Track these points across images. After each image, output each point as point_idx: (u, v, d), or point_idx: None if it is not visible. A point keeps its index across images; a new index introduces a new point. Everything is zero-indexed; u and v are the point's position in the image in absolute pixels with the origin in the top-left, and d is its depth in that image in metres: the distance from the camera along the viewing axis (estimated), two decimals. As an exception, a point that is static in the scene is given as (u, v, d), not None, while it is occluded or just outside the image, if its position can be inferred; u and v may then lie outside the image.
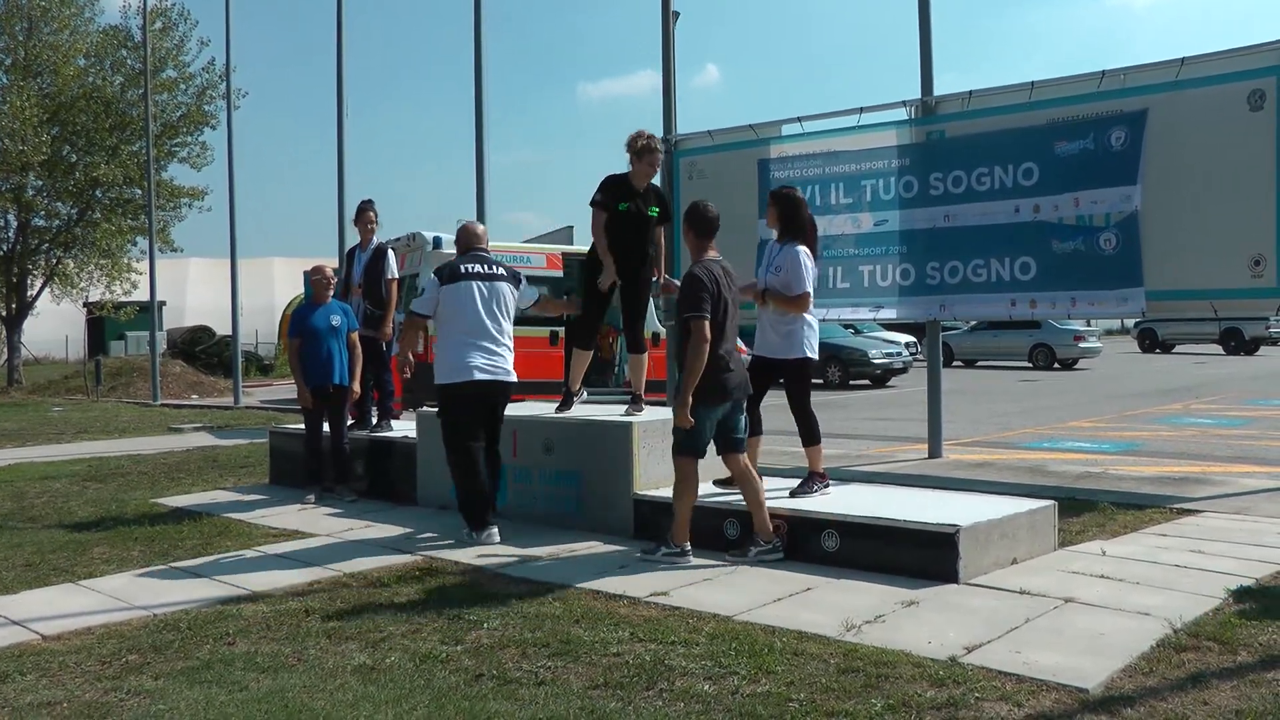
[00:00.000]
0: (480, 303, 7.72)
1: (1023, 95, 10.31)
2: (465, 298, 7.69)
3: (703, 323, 6.42)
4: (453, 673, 4.72)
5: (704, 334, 6.41)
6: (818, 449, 7.42)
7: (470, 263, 7.86)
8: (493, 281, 7.83)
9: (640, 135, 7.84)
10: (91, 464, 12.44)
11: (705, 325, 6.42)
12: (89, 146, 29.37)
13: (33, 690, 4.63)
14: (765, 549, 6.70)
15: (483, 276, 7.80)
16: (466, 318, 7.67)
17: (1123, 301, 9.72)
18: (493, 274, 7.86)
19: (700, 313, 6.42)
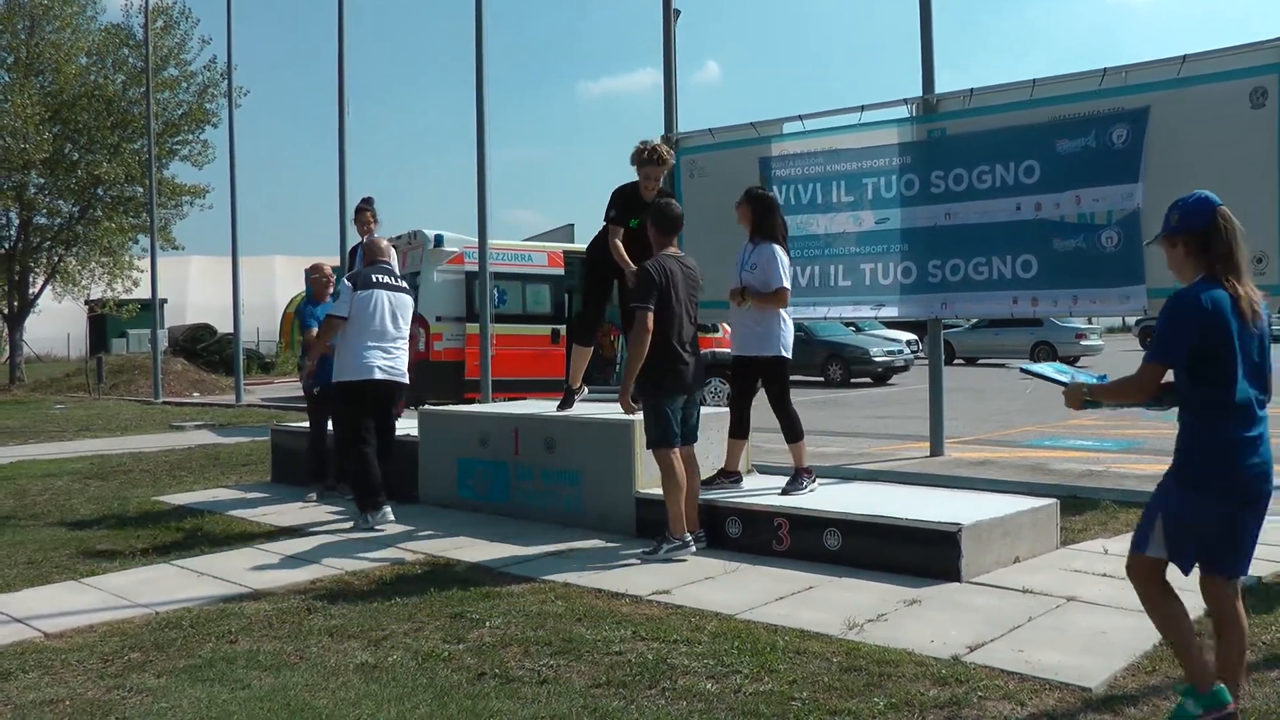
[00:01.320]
0: (386, 310, 8.45)
1: (1024, 93, 10.29)
2: (374, 304, 8.42)
3: (645, 314, 6.71)
4: (455, 671, 4.72)
5: (645, 324, 6.69)
6: (801, 445, 7.48)
7: (379, 274, 8.60)
8: (398, 292, 8.61)
9: (643, 147, 7.89)
10: (93, 462, 12.45)
11: (648, 316, 6.70)
12: (91, 145, 29.39)
13: (35, 688, 4.64)
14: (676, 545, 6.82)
15: (389, 287, 8.58)
16: (373, 322, 8.38)
17: (1124, 299, 9.71)
18: (398, 285, 8.67)
19: (644, 304, 6.71)
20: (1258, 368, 3.87)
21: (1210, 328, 3.79)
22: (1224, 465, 3.83)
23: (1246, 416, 3.82)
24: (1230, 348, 3.79)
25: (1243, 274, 3.91)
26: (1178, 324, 3.84)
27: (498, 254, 15.74)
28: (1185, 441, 3.93)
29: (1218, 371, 3.81)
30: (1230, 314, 3.80)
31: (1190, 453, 3.90)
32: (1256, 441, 3.82)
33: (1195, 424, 3.90)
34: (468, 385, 15.43)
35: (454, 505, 8.84)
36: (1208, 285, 3.87)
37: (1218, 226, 3.96)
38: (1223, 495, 3.84)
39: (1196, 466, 3.88)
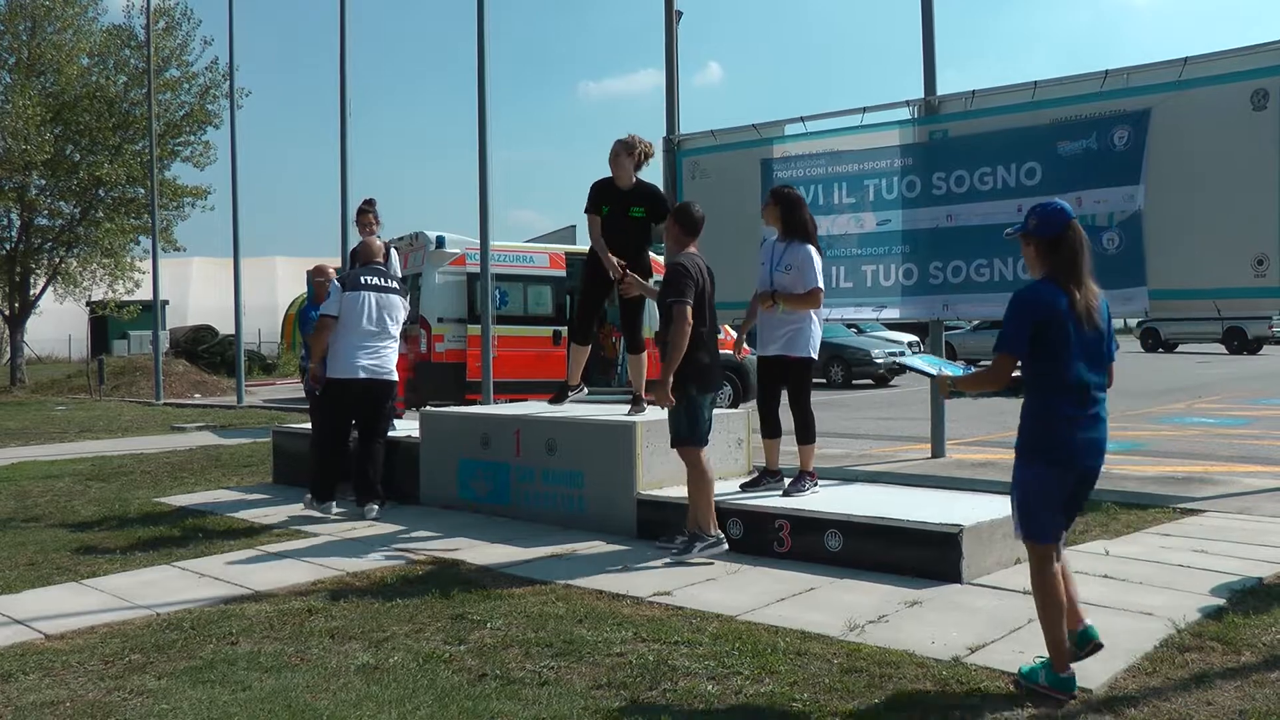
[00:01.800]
0: (374, 310, 8.76)
1: (1026, 95, 10.30)
2: (361, 305, 8.74)
3: (685, 307, 6.63)
4: (456, 672, 4.72)
5: (686, 317, 6.62)
6: (811, 448, 7.48)
7: (368, 275, 8.90)
8: (386, 293, 8.89)
9: (615, 142, 8.15)
10: (94, 463, 12.46)
11: (687, 309, 6.63)
12: (92, 146, 29.38)
13: (36, 689, 4.64)
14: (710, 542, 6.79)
15: (378, 288, 8.87)
16: (360, 323, 8.72)
17: (1126, 301, 9.71)
18: (387, 286, 8.95)
19: (683, 298, 6.63)
20: (1095, 357, 4.39)
21: (1046, 319, 4.31)
22: (1059, 438, 4.38)
23: (1081, 397, 4.36)
24: (1064, 335, 4.31)
25: (1083, 280, 4.39)
26: (1019, 317, 4.38)
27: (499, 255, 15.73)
28: (1027, 419, 4.48)
29: (1053, 356, 4.33)
30: (1063, 308, 4.31)
31: (1031, 429, 4.46)
32: (1090, 420, 4.38)
33: (1035, 403, 4.45)
34: (469, 386, 15.43)
35: (455, 506, 8.84)
36: (1046, 284, 4.40)
37: (1067, 236, 4.42)
38: (1060, 465, 4.39)
39: (1036, 440, 4.44)
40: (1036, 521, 4.46)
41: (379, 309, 8.78)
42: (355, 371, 8.66)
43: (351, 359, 8.67)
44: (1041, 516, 4.45)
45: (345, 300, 8.73)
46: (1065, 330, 4.32)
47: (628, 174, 8.18)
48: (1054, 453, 4.40)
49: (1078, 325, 4.34)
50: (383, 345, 8.80)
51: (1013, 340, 4.38)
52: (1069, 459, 4.39)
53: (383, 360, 8.78)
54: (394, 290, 8.98)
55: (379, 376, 8.76)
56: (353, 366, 8.66)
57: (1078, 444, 4.38)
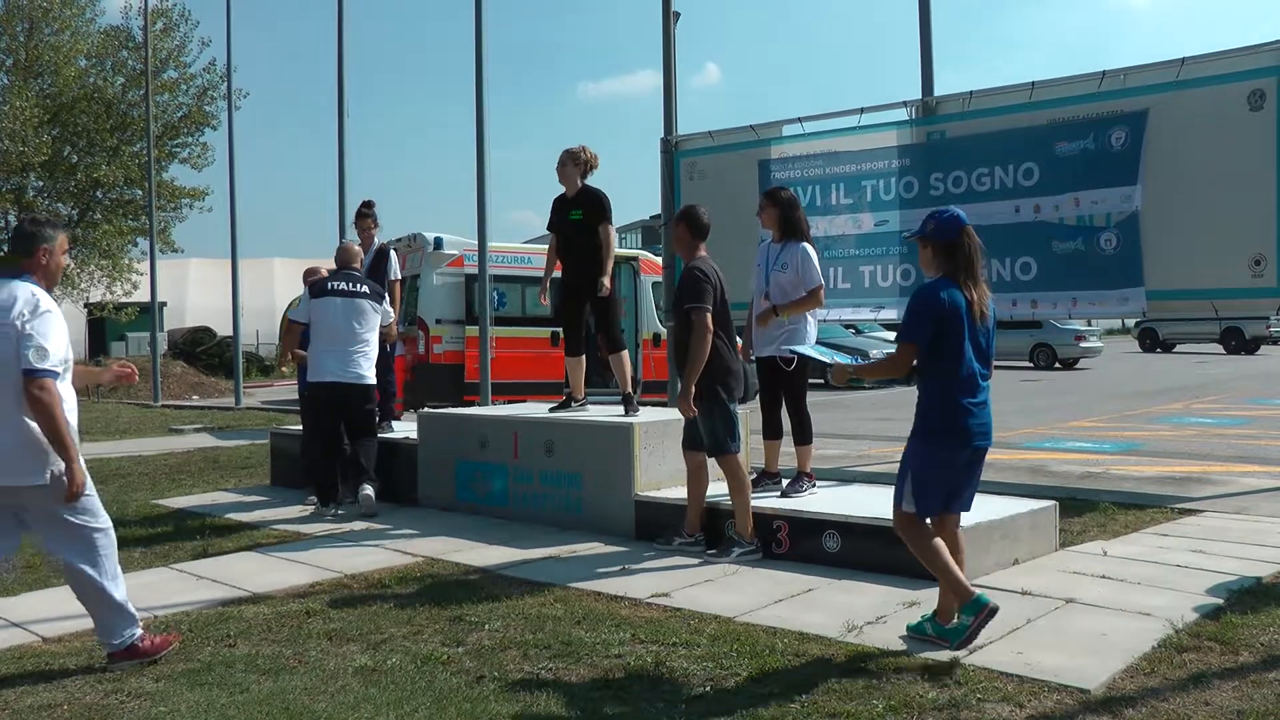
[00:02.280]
0: (340, 316, 8.90)
1: (1023, 95, 10.30)
2: (328, 310, 8.93)
3: (705, 314, 6.61)
4: (454, 674, 4.72)
5: (707, 324, 6.61)
6: (808, 449, 7.49)
7: (338, 280, 9.04)
8: (353, 298, 8.97)
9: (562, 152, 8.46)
10: (92, 465, 12.28)
11: (708, 317, 6.62)
12: (90, 147, 29.38)
13: (33, 693, 4.63)
14: (749, 549, 6.80)
15: (345, 293, 8.98)
16: (328, 327, 8.91)
17: (1123, 301, 9.72)
18: (354, 291, 9.02)
19: (702, 304, 6.62)
20: (983, 351, 4.95)
21: (945, 315, 4.81)
22: (952, 421, 4.88)
23: (971, 385, 4.90)
24: (960, 331, 4.83)
25: (978, 280, 4.93)
26: (923, 312, 4.87)
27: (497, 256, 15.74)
28: (923, 404, 4.96)
29: (950, 349, 4.84)
30: (961, 305, 4.83)
31: (928, 413, 4.94)
32: (978, 405, 4.93)
33: (931, 390, 4.94)
34: (467, 388, 15.44)
35: (453, 508, 8.84)
36: (946, 283, 4.89)
37: (962, 241, 4.93)
38: (953, 445, 4.90)
39: (932, 423, 4.92)
40: (926, 498, 4.95)
41: (345, 315, 8.89)
42: (323, 375, 8.83)
43: (320, 364, 8.87)
44: (932, 493, 4.95)
45: (313, 307, 8.96)
46: (962, 325, 4.84)
47: (572, 181, 8.44)
48: (951, 435, 4.90)
49: (972, 321, 4.87)
50: (351, 350, 8.87)
51: (916, 332, 4.87)
52: (964, 440, 4.91)
53: (350, 364, 8.86)
54: (362, 295, 9.04)
55: (345, 380, 8.84)
56: (320, 370, 8.86)
57: (971, 427, 4.91)
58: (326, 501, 8.90)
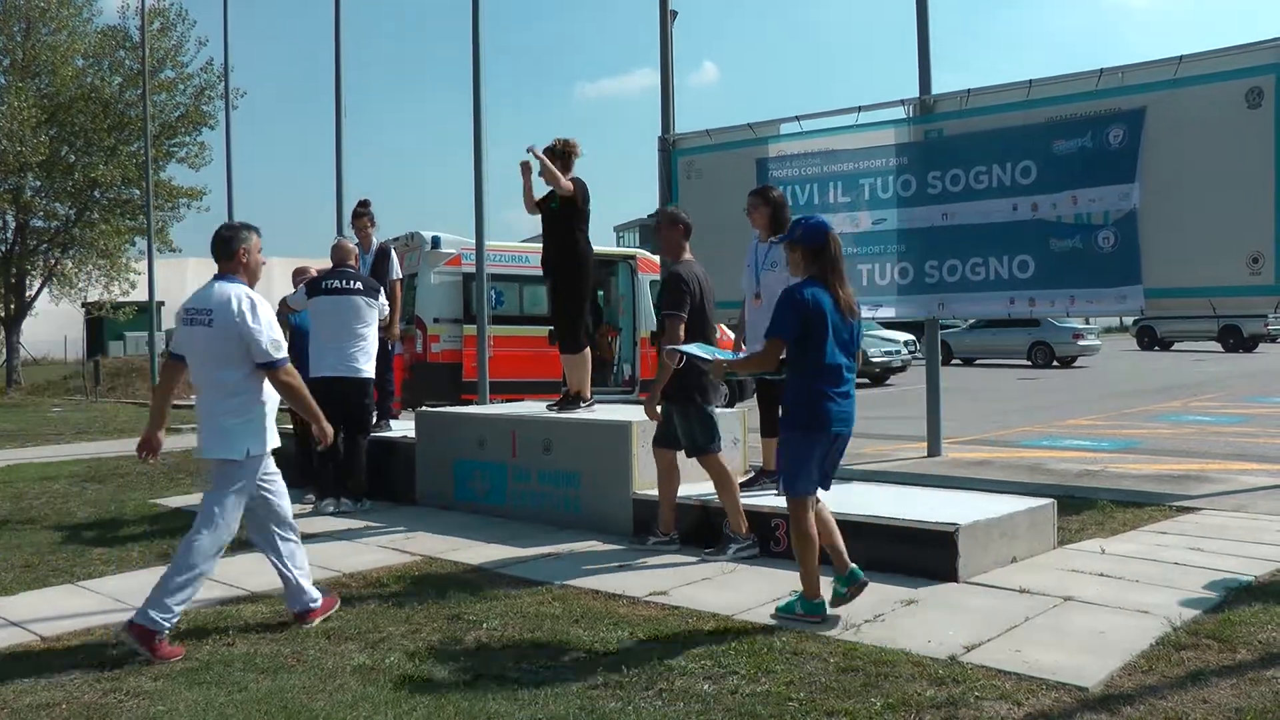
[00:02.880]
0: (337, 313, 9.03)
1: (1021, 94, 10.31)
2: (324, 308, 9.07)
3: (678, 322, 6.74)
4: (452, 673, 4.72)
5: (678, 333, 6.71)
6: None
7: (333, 278, 9.18)
8: (348, 295, 9.11)
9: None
10: (90, 465, 12.44)
11: (680, 326, 6.74)
12: (87, 147, 29.35)
13: (32, 691, 4.63)
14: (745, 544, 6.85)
15: (340, 291, 9.14)
16: (325, 325, 9.05)
17: (1121, 299, 9.73)
18: (348, 289, 9.16)
19: (677, 311, 6.74)
20: (847, 346, 5.37)
21: (811, 313, 5.23)
22: (818, 410, 5.29)
23: (836, 377, 5.32)
24: (825, 328, 5.25)
25: (843, 280, 5.40)
26: (793, 310, 5.27)
27: (495, 255, 15.71)
28: (791, 396, 5.39)
29: (818, 344, 5.26)
30: (826, 305, 5.26)
31: (797, 403, 5.35)
32: (842, 396, 5.35)
33: (799, 381, 5.35)
34: (465, 387, 15.41)
35: (451, 507, 8.84)
36: (813, 284, 5.33)
37: (828, 245, 5.37)
38: (818, 431, 5.30)
39: (800, 412, 5.32)
40: (800, 479, 5.33)
41: (341, 312, 9.04)
42: (321, 370, 8.88)
43: (319, 359, 8.98)
44: (804, 475, 5.33)
45: (311, 305, 9.15)
46: (826, 323, 5.26)
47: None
48: (817, 423, 5.30)
49: (839, 319, 5.31)
50: (347, 345, 9.00)
51: (785, 328, 5.29)
52: (828, 427, 5.31)
53: (347, 359, 9.00)
54: (354, 291, 9.16)
55: (343, 375, 8.97)
56: (319, 365, 8.93)
57: (835, 415, 5.32)
58: (324, 496, 8.97)
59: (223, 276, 5.53)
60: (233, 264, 5.56)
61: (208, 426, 5.45)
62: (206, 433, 5.46)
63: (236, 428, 5.40)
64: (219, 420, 5.41)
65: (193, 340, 5.44)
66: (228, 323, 5.33)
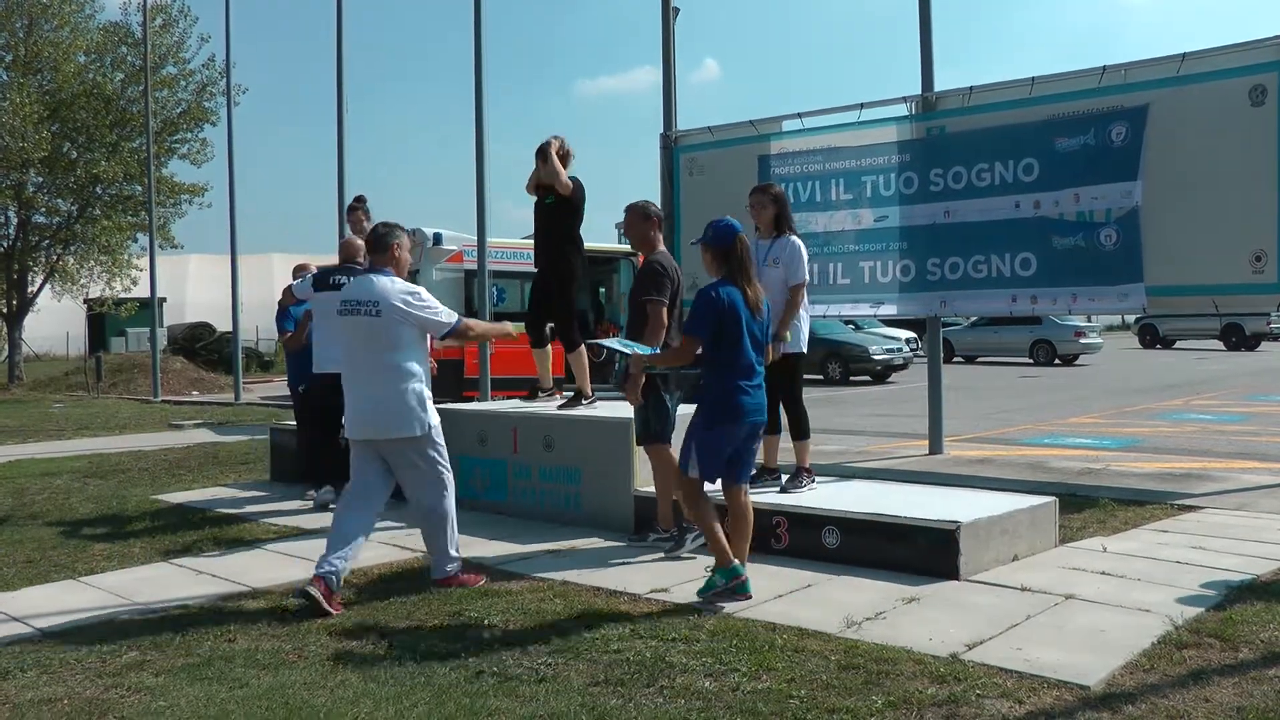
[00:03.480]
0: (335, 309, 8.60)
1: (1023, 91, 10.30)
2: (330, 304, 8.61)
3: (660, 307, 6.74)
4: (453, 669, 4.72)
5: (661, 317, 6.72)
6: (806, 444, 7.51)
7: (340, 274, 8.99)
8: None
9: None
10: (92, 460, 12.45)
11: (663, 310, 6.74)
12: (89, 143, 29.36)
13: (33, 686, 4.63)
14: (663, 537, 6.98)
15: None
16: (330, 320, 8.54)
17: (1123, 298, 9.72)
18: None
19: (659, 297, 6.76)
20: (758, 341, 5.74)
21: (724, 312, 5.58)
22: (731, 403, 5.63)
23: (748, 371, 5.67)
24: (738, 326, 5.60)
25: (751, 279, 5.73)
26: (707, 309, 5.61)
27: (496, 252, 15.72)
28: (706, 390, 5.73)
29: (731, 341, 5.61)
30: (739, 304, 5.61)
31: (711, 397, 5.69)
32: (754, 388, 5.69)
33: (714, 376, 5.68)
34: (466, 384, 15.42)
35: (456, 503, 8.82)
36: (725, 283, 5.68)
37: (736, 247, 5.71)
38: (731, 424, 5.65)
39: (714, 406, 5.66)
40: (709, 466, 5.68)
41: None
42: (324, 365, 8.80)
43: (323, 355, 8.93)
44: (713, 462, 5.68)
45: (315, 300, 9.13)
46: (739, 320, 5.60)
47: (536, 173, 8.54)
48: (730, 414, 5.64)
49: (750, 316, 5.65)
50: None
51: (700, 326, 5.62)
52: (741, 419, 5.65)
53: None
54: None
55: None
56: (323, 361, 8.86)
57: (747, 406, 5.66)
58: (322, 485, 9.13)
59: (376, 270, 6.20)
60: (386, 258, 6.20)
61: (383, 409, 6.04)
62: (382, 415, 6.04)
63: (415, 407, 6.06)
64: (396, 402, 6.02)
65: (357, 329, 6.09)
66: (394, 312, 6.00)
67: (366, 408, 6.08)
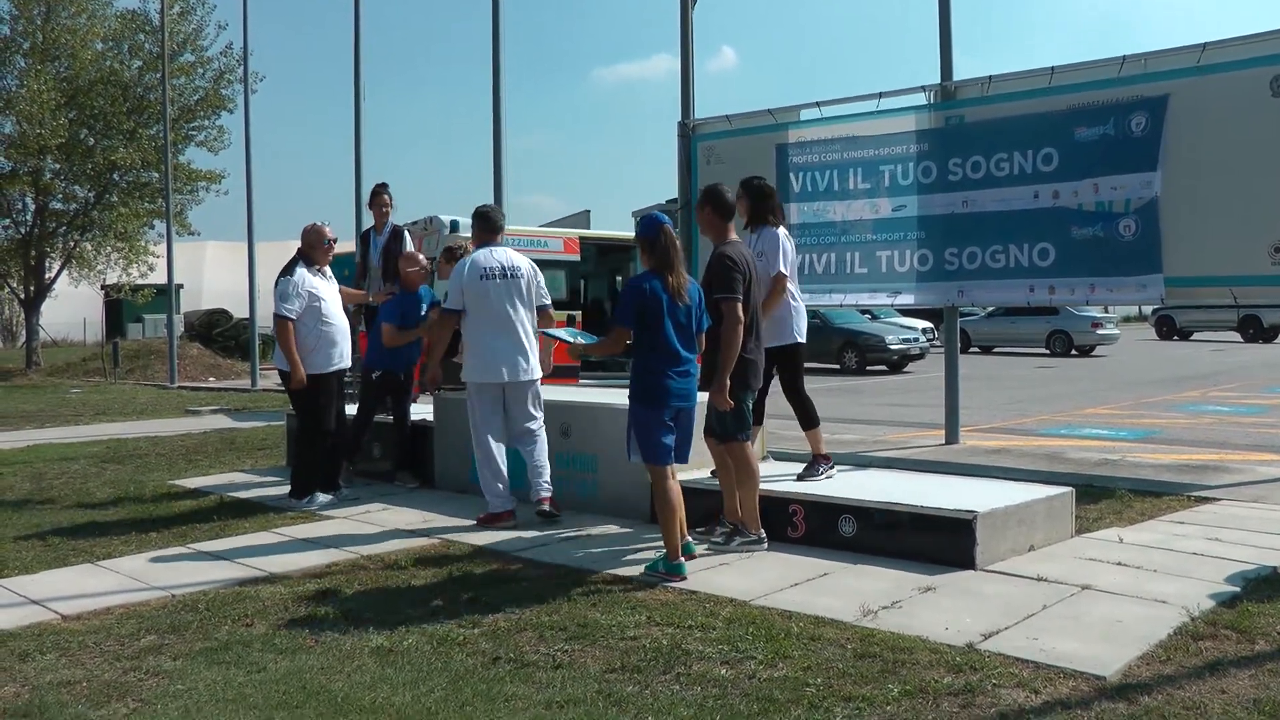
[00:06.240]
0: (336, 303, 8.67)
1: (1043, 80, 10.25)
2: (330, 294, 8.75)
3: (735, 304, 6.34)
4: (470, 655, 4.74)
5: (738, 314, 6.33)
6: (817, 432, 7.47)
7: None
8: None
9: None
10: (110, 445, 12.51)
11: (738, 306, 6.35)
12: (107, 130, 29.42)
13: (52, 669, 4.67)
14: (751, 540, 6.64)
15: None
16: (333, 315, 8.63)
17: (1141, 288, 9.67)
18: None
19: (734, 294, 6.34)
20: (684, 328, 6.06)
21: (647, 301, 5.96)
22: (656, 387, 5.99)
23: (673, 357, 6.01)
24: (660, 314, 5.97)
25: (675, 269, 6.06)
26: (630, 299, 6.02)
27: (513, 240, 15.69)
28: (635, 373, 6.08)
29: (654, 328, 5.97)
30: (662, 293, 5.98)
31: (639, 380, 6.05)
32: (680, 374, 6.04)
33: (641, 362, 6.05)
34: None
35: (469, 490, 8.82)
36: (649, 275, 6.06)
37: (660, 238, 6.06)
38: (658, 406, 6.00)
39: (643, 389, 6.02)
40: (651, 449, 6.03)
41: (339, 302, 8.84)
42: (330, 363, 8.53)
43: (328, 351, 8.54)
44: (654, 445, 6.01)
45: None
46: (662, 309, 5.96)
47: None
48: (657, 399, 5.99)
49: (673, 304, 5.99)
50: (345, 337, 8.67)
51: (624, 317, 6.02)
52: (665, 401, 6.00)
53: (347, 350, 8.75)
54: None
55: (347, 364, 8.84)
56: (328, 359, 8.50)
57: (674, 390, 6.01)
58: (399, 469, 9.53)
59: (495, 244, 7.76)
60: (499, 235, 7.86)
61: (524, 356, 7.61)
62: (526, 360, 7.62)
63: (536, 358, 7.69)
64: (530, 352, 7.64)
65: (509, 290, 7.57)
66: (531, 276, 7.72)
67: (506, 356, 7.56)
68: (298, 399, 8.57)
